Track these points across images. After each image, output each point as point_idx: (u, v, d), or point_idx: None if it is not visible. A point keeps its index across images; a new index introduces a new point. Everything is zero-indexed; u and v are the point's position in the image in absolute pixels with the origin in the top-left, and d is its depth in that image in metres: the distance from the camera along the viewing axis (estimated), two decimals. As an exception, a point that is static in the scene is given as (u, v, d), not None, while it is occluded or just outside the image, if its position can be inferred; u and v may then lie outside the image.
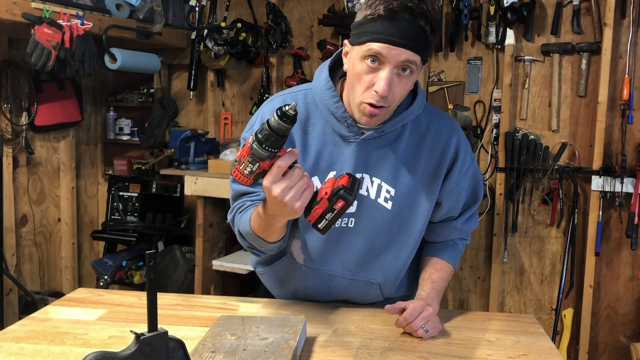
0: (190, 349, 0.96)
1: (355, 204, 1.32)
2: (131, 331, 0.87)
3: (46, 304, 1.48)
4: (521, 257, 2.96)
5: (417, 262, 1.47)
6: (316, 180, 1.31)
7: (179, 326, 1.27)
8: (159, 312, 0.87)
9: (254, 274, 1.56)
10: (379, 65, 1.16)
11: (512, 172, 2.87)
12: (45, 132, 3.35)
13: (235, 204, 1.34)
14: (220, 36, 3.23)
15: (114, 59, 3.00)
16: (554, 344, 1.71)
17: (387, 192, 1.32)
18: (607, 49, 2.63)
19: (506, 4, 2.71)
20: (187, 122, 3.63)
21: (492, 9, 2.78)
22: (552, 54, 2.79)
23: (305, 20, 3.30)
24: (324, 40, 3.17)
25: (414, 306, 1.24)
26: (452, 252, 1.46)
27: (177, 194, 3.47)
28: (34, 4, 2.50)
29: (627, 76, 2.65)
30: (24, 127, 3.18)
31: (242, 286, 3.21)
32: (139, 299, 1.45)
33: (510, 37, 2.82)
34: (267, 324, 1.17)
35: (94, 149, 3.79)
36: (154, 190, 3.41)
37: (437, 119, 1.37)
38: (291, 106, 0.98)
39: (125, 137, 3.73)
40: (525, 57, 2.83)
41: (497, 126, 2.91)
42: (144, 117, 3.64)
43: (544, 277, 2.94)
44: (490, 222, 2.98)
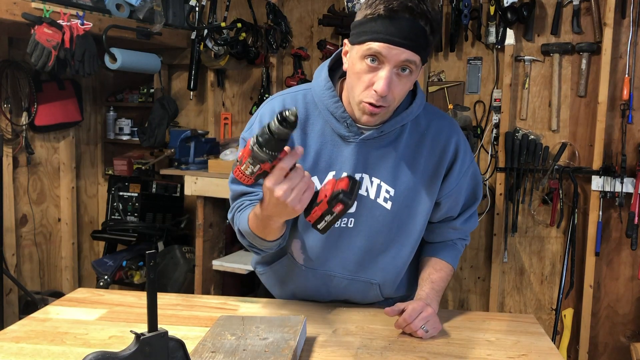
0: (190, 349, 0.96)
1: (354, 204, 1.32)
2: (131, 331, 0.87)
3: (46, 304, 1.48)
4: (521, 257, 2.96)
5: (416, 262, 1.47)
6: (315, 180, 1.31)
7: (179, 326, 1.27)
8: (159, 312, 0.87)
9: (254, 274, 1.56)
10: (379, 64, 1.17)
11: (512, 172, 2.87)
12: (45, 132, 3.35)
13: (234, 204, 1.35)
14: (220, 36, 3.22)
15: (114, 59, 3.00)
16: (554, 344, 1.70)
17: (387, 192, 1.32)
18: (607, 49, 2.63)
19: (506, 4, 2.71)
20: (187, 122, 3.64)
21: (492, 9, 2.78)
22: (552, 54, 2.79)
23: (305, 20, 3.30)
24: (324, 40, 3.17)
25: (414, 307, 1.24)
26: (451, 252, 1.46)
27: (177, 194, 3.47)
28: (34, 4, 2.50)
29: (627, 76, 2.65)
30: (24, 127, 3.18)
31: (242, 286, 3.21)
32: (139, 299, 1.45)
33: (510, 37, 2.82)
34: (267, 324, 1.17)
35: (94, 149, 3.80)
36: (154, 190, 3.41)
37: (436, 119, 1.37)
38: (291, 112, 0.98)
39: (125, 137, 3.73)
40: (525, 57, 2.83)
41: (497, 126, 2.91)
42: (144, 117, 3.64)
43: (544, 277, 2.94)
44: (490, 222, 2.98)
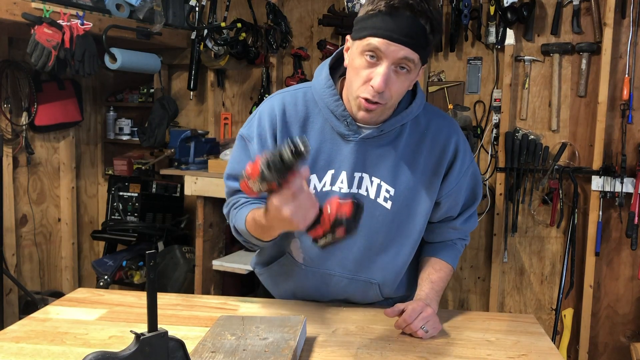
0: (190, 349, 0.96)
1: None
2: (131, 331, 0.87)
3: (46, 304, 1.48)
4: (521, 257, 2.96)
5: (416, 262, 1.47)
6: (314, 178, 1.31)
7: (179, 326, 1.27)
8: (159, 312, 0.87)
9: (254, 274, 1.56)
10: (377, 60, 1.17)
11: (512, 172, 2.87)
12: (45, 132, 3.35)
13: (230, 200, 1.37)
14: (220, 36, 3.22)
15: (114, 59, 3.00)
16: (554, 344, 1.70)
17: (387, 191, 1.32)
18: (607, 49, 2.63)
19: (506, 4, 2.71)
20: (187, 122, 3.63)
21: (492, 9, 2.78)
22: (552, 54, 2.79)
23: (305, 20, 3.30)
24: (324, 40, 3.17)
25: (413, 307, 1.24)
26: (451, 252, 1.46)
27: (177, 194, 3.47)
28: (34, 4, 2.50)
29: (627, 76, 2.65)
30: (24, 127, 3.18)
31: (242, 286, 3.21)
32: (139, 299, 1.45)
33: (510, 37, 2.82)
34: (267, 324, 1.17)
35: (94, 149, 3.79)
36: (154, 190, 3.41)
37: (436, 119, 1.37)
38: (304, 143, 1.01)
39: (125, 137, 3.73)
40: (525, 57, 2.83)
41: (497, 126, 2.91)
42: (144, 117, 3.64)
43: (544, 277, 2.94)
44: (490, 222, 2.98)
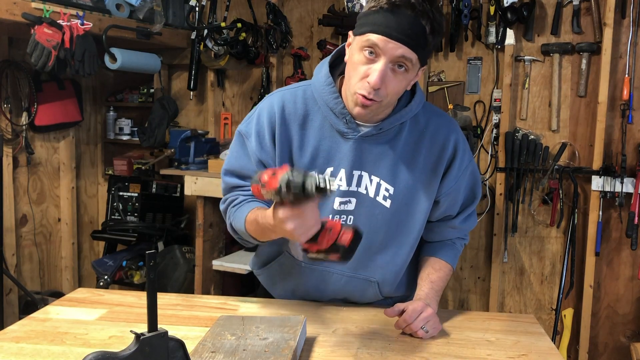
0: (190, 349, 0.96)
1: (354, 201, 1.33)
2: (131, 331, 0.87)
3: (46, 304, 1.48)
4: (521, 257, 2.96)
5: (416, 262, 1.47)
6: None
7: (179, 326, 1.27)
8: (159, 312, 0.87)
9: (254, 274, 1.56)
10: (375, 57, 1.17)
11: (512, 172, 2.87)
12: (45, 132, 3.35)
13: (227, 196, 1.38)
14: (220, 36, 3.22)
15: (114, 59, 3.00)
16: (554, 344, 1.70)
17: (386, 190, 1.32)
18: (607, 49, 2.63)
19: (506, 4, 2.71)
20: (187, 122, 3.63)
21: (492, 9, 2.78)
22: (552, 54, 2.79)
23: (305, 20, 3.30)
24: (324, 40, 3.17)
25: (414, 307, 1.24)
26: (450, 252, 1.46)
27: (177, 194, 3.47)
28: (34, 4, 2.50)
29: (627, 76, 2.65)
30: (24, 127, 3.18)
31: (242, 286, 3.21)
32: (139, 299, 1.45)
33: (510, 37, 2.82)
34: (267, 324, 1.17)
35: (94, 149, 3.79)
36: (154, 190, 3.41)
37: (435, 117, 1.37)
38: (332, 183, 1.01)
39: (125, 137, 3.73)
40: (525, 57, 2.83)
41: (497, 126, 2.91)
42: (144, 117, 3.64)
43: (544, 277, 2.94)
44: (490, 222, 2.98)
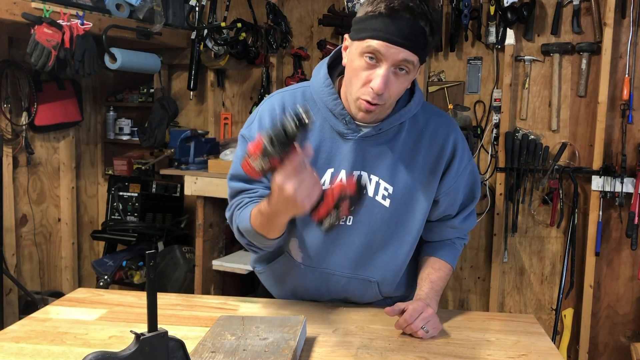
0: (190, 349, 0.96)
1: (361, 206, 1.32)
2: (131, 331, 0.87)
3: (46, 304, 1.48)
4: (521, 257, 2.96)
5: (415, 261, 1.47)
6: None
7: (179, 326, 1.27)
8: (159, 312, 0.87)
9: (254, 274, 1.56)
10: (377, 62, 1.17)
11: (512, 172, 2.87)
12: (45, 132, 3.35)
13: (233, 201, 1.35)
14: (220, 36, 3.22)
15: (114, 59, 3.00)
16: (554, 344, 1.70)
17: (385, 189, 1.32)
18: (607, 49, 2.63)
19: (506, 4, 2.71)
20: (187, 122, 3.63)
21: (492, 9, 2.78)
22: (552, 54, 2.79)
23: (305, 20, 3.30)
24: (324, 40, 3.17)
25: (414, 307, 1.24)
26: (450, 252, 1.46)
27: (177, 194, 3.47)
28: (34, 4, 2.50)
29: (627, 76, 2.65)
30: (24, 127, 3.18)
31: (242, 286, 3.21)
32: (139, 299, 1.45)
33: (510, 37, 2.82)
34: (267, 324, 1.17)
35: (94, 149, 3.79)
36: (154, 190, 3.41)
37: (434, 117, 1.37)
38: (308, 114, 1.00)
39: (125, 137, 3.73)
40: (525, 57, 2.83)
41: (497, 126, 2.91)
42: (144, 117, 3.64)
43: (544, 277, 2.94)
44: (490, 222, 2.98)
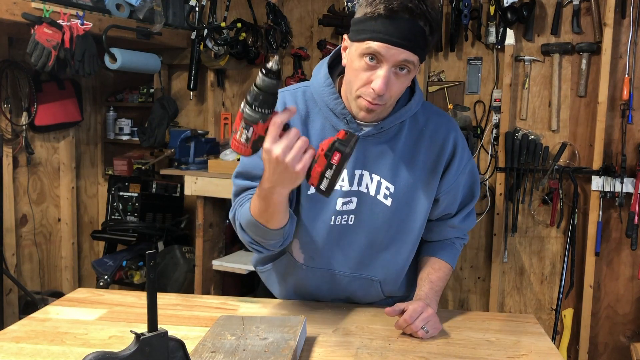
0: (190, 349, 0.96)
1: (355, 200, 1.32)
2: (131, 331, 0.87)
3: (46, 304, 1.48)
4: (521, 257, 2.96)
5: (416, 262, 1.47)
6: None
7: (179, 326, 1.27)
8: (159, 312, 0.87)
9: (254, 274, 1.57)
10: (377, 63, 1.17)
11: (512, 172, 2.87)
12: (45, 132, 3.35)
13: (236, 200, 1.34)
14: (220, 36, 3.22)
15: (114, 59, 3.00)
16: (554, 344, 1.70)
17: (387, 188, 1.32)
18: (607, 49, 2.63)
19: (506, 4, 2.71)
20: (187, 122, 3.63)
21: (492, 9, 2.78)
22: (552, 54, 2.79)
23: (305, 20, 3.30)
24: (324, 40, 3.17)
25: (414, 307, 1.24)
26: (449, 252, 1.46)
27: (177, 194, 3.47)
28: (34, 4, 2.50)
29: (627, 76, 2.65)
30: (24, 127, 3.18)
31: (242, 286, 3.21)
32: (139, 299, 1.45)
33: (510, 37, 2.82)
34: (267, 324, 1.17)
35: (94, 149, 3.79)
36: (154, 190, 3.41)
37: (434, 116, 1.37)
38: (274, 60, 0.97)
39: (125, 137, 3.73)
40: (525, 57, 2.83)
41: (497, 126, 2.91)
42: (144, 117, 3.64)
43: (544, 277, 2.94)
44: (490, 222, 2.98)
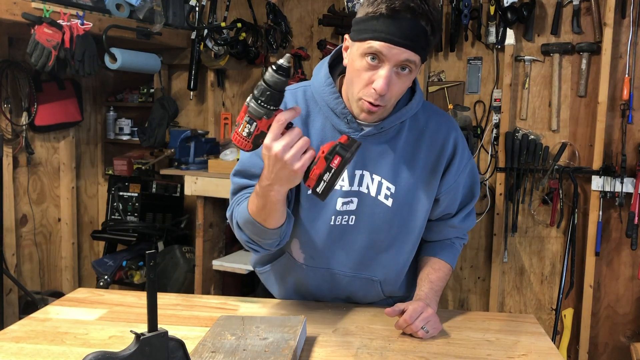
0: (190, 349, 0.96)
1: (355, 201, 1.32)
2: (131, 331, 0.87)
3: (46, 304, 1.48)
4: (521, 257, 2.96)
5: (415, 262, 1.47)
6: None
7: (179, 326, 1.27)
8: (159, 312, 0.87)
9: (254, 274, 1.56)
10: (379, 63, 1.17)
11: (512, 172, 2.87)
12: (45, 132, 3.35)
13: (234, 199, 1.33)
14: (220, 36, 3.22)
15: (114, 59, 3.00)
16: (554, 344, 1.70)
17: (387, 189, 1.32)
18: (607, 49, 2.63)
19: (506, 4, 2.71)
20: (187, 122, 3.63)
21: (492, 9, 2.78)
22: (552, 54, 2.79)
23: (305, 20, 3.30)
24: (324, 40, 3.17)
25: (414, 307, 1.24)
26: (449, 252, 1.46)
27: (177, 194, 3.47)
28: (34, 4, 2.50)
29: (627, 76, 2.65)
30: (24, 127, 3.18)
31: (242, 286, 3.21)
32: (139, 299, 1.45)
33: (510, 37, 2.82)
34: (267, 324, 1.17)
35: (94, 149, 3.79)
36: (154, 190, 3.41)
37: (435, 116, 1.37)
38: (285, 58, 0.97)
39: (125, 137, 3.73)
40: (525, 57, 2.83)
41: (497, 126, 2.91)
42: (144, 117, 3.63)
43: (544, 277, 2.94)
44: (490, 222, 2.98)
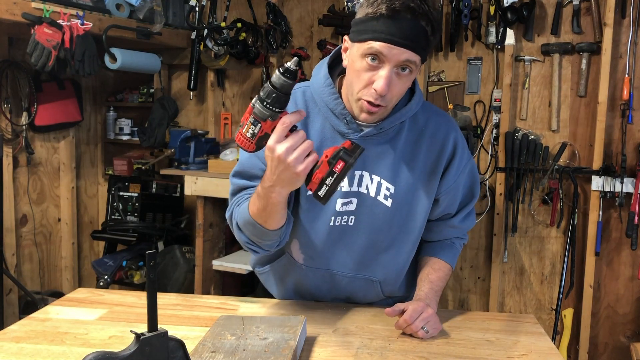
0: (190, 349, 0.96)
1: (355, 201, 1.32)
2: (131, 331, 0.87)
3: (46, 304, 1.48)
4: (521, 257, 2.96)
5: (415, 262, 1.47)
6: None
7: (179, 326, 1.27)
8: (159, 312, 0.87)
9: (254, 274, 1.56)
10: (379, 63, 1.17)
11: (512, 172, 2.87)
12: (45, 132, 3.35)
13: (233, 200, 1.33)
14: (220, 36, 3.22)
15: (114, 59, 3.00)
16: (554, 344, 1.71)
17: (387, 189, 1.32)
18: (607, 49, 2.63)
19: (506, 4, 2.71)
20: (187, 122, 3.63)
21: (492, 9, 2.78)
22: (552, 54, 2.79)
23: (305, 20, 3.30)
24: (324, 40, 3.17)
25: (414, 307, 1.24)
26: (449, 252, 1.46)
27: (177, 194, 3.47)
28: (34, 4, 2.50)
29: (627, 76, 2.65)
30: (24, 127, 3.18)
31: (242, 286, 3.21)
32: (139, 299, 1.45)
33: (510, 37, 2.82)
34: (267, 324, 1.17)
35: (94, 149, 3.79)
36: (154, 190, 3.41)
37: (434, 116, 1.37)
38: (293, 61, 0.98)
39: (125, 137, 3.73)
40: (525, 57, 2.83)
41: (497, 126, 2.91)
42: (144, 117, 3.64)
43: (544, 277, 2.94)
44: (490, 222, 2.98)
